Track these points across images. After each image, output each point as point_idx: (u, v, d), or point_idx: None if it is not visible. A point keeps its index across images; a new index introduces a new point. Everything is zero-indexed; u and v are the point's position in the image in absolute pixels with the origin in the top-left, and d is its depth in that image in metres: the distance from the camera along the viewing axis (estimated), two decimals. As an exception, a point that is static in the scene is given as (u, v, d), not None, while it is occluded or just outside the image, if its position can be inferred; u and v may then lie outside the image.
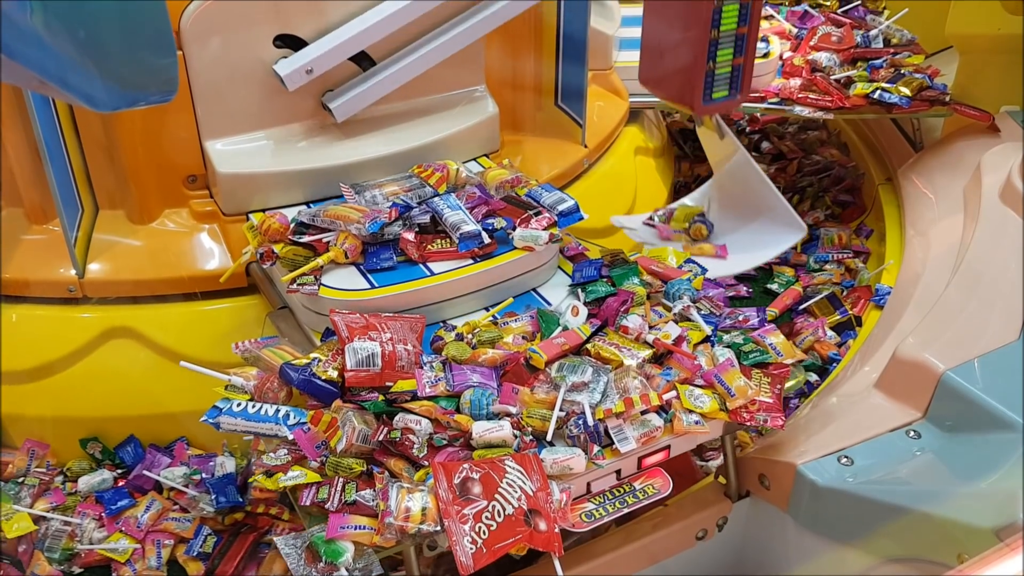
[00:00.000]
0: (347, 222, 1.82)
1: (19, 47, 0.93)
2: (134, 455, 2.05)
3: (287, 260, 1.81)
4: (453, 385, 1.55)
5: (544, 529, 1.38)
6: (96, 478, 2.00)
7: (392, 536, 1.36)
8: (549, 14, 2.43)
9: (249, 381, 1.61)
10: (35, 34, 0.96)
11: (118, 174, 2.08)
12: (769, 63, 2.86)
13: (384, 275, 1.80)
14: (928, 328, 1.83)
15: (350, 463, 1.45)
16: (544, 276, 1.93)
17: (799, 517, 1.67)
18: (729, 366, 1.61)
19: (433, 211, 1.89)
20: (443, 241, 1.86)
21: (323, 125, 2.11)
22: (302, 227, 1.86)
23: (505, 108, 2.31)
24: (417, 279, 1.79)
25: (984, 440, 1.59)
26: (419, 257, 1.83)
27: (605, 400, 1.53)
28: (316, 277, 1.78)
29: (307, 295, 1.76)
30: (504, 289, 1.87)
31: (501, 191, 2.00)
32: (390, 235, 1.85)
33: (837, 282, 2.74)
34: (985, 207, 2.20)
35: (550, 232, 1.85)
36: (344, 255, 1.80)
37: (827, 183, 3.22)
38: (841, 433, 1.70)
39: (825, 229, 2.94)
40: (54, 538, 1.88)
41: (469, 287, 1.83)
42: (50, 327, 2.02)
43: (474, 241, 1.83)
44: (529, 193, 1.99)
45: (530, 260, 1.87)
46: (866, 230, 2.95)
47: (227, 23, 1.94)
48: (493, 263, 1.84)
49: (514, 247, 1.86)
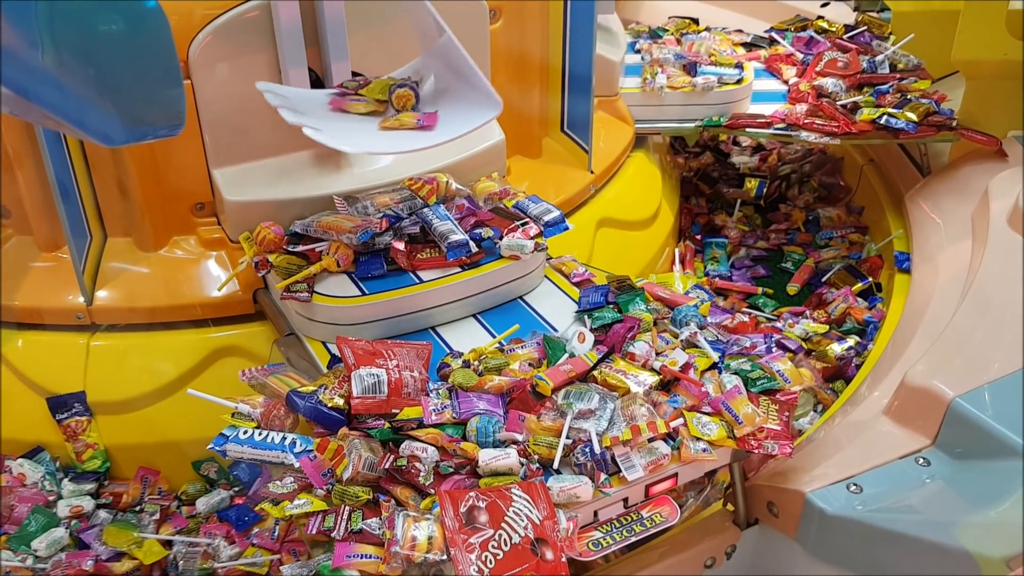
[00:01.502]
0: (339, 232, 1.88)
1: (31, 85, 0.94)
2: (249, 472, 2.05)
3: (281, 268, 1.87)
4: (459, 412, 1.54)
5: (551, 558, 1.37)
6: (215, 498, 2.02)
7: (398, 565, 1.35)
8: (555, 42, 2.45)
9: (256, 408, 1.61)
10: (46, 73, 0.98)
11: (127, 202, 2.10)
12: (743, 88, 2.90)
13: (375, 283, 1.85)
14: (937, 355, 1.83)
15: (356, 491, 1.45)
16: (530, 284, 1.97)
17: (808, 545, 1.66)
18: (736, 393, 1.61)
19: (423, 221, 1.94)
20: (432, 250, 1.91)
21: (329, 152, 2.12)
22: (296, 237, 1.93)
23: (512, 134, 2.32)
24: (407, 287, 1.84)
25: (994, 467, 1.58)
26: (409, 265, 1.88)
27: (612, 428, 1.52)
28: (309, 285, 1.84)
29: (300, 302, 1.82)
30: (491, 296, 1.92)
31: (489, 202, 2.06)
32: (381, 244, 1.90)
33: (845, 255, 2.97)
34: (993, 232, 2.19)
35: (536, 241, 1.90)
36: (336, 264, 1.86)
37: (809, 169, 3.40)
38: (850, 460, 1.69)
39: (822, 210, 3.21)
40: (187, 559, 1.89)
41: (457, 294, 1.88)
42: (59, 354, 2.03)
43: (462, 250, 1.88)
44: (517, 204, 2.04)
45: (516, 268, 1.92)
46: (856, 208, 3.18)
47: (234, 52, 1.96)
48: (480, 271, 1.89)
49: (501, 256, 1.90)
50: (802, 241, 3.13)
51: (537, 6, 2.43)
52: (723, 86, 2.87)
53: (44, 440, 2.04)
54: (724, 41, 3.21)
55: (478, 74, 1.91)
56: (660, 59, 2.99)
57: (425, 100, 2.00)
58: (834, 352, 2.42)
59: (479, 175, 2.19)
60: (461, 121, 1.92)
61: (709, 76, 2.87)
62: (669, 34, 3.30)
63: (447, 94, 1.98)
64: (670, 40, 3.21)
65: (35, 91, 0.95)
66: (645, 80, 2.90)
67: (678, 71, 2.94)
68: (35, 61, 0.96)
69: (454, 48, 1.90)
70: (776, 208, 3.32)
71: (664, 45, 3.12)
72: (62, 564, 1.83)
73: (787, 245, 3.11)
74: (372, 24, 2.08)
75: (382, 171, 2.12)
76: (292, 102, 1.94)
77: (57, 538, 1.85)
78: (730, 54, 3.08)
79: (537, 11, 2.43)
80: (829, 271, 2.88)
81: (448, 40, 1.89)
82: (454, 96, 1.96)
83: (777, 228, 3.20)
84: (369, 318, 1.81)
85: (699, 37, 3.19)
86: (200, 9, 1.92)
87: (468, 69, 1.91)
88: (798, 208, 3.27)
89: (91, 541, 1.88)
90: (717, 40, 3.18)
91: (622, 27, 3.08)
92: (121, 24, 1.06)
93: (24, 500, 1.93)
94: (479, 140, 2.19)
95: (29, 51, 0.96)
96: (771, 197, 3.35)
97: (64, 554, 1.85)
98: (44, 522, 1.86)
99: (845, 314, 2.64)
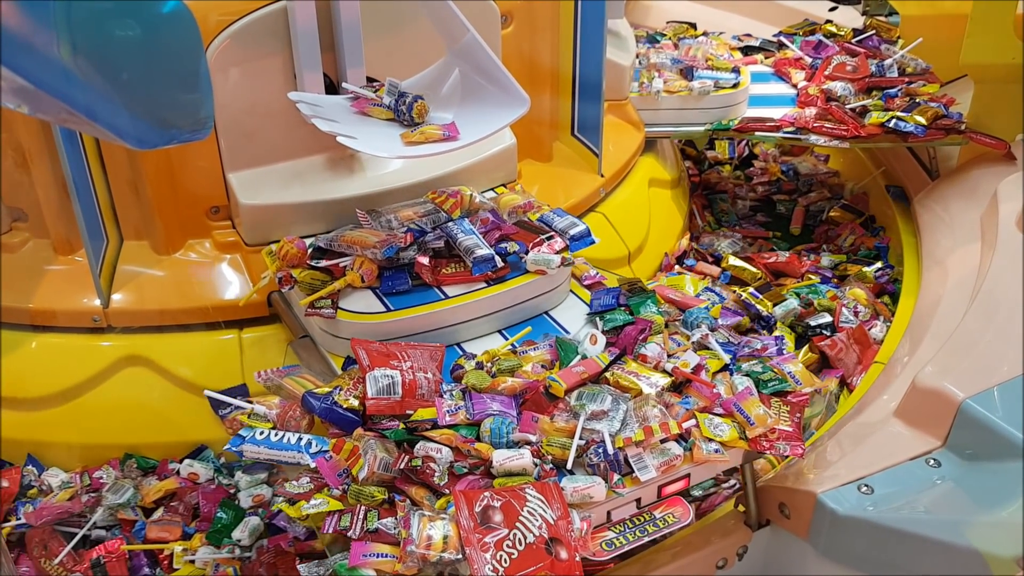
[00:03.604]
0: (363, 247, 1.86)
1: (63, 87, 0.95)
2: None
3: (305, 284, 1.85)
4: (473, 413, 1.56)
5: (565, 558, 1.38)
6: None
7: (414, 564, 1.36)
8: (566, 47, 2.46)
9: (272, 410, 1.63)
10: (63, 66, 0.99)
11: (143, 206, 2.12)
12: (739, 92, 2.91)
13: (399, 298, 1.84)
14: (947, 357, 1.83)
15: (372, 491, 1.46)
16: (556, 299, 1.96)
17: (819, 546, 1.67)
18: (748, 394, 1.62)
19: (447, 236, 1.92)
20: (457, 265, 1.89)
21: (343, 156, 2.14)
22: (319, 252, 1.91)
23: (523, 138, 2.33)
24: (432, 302, 1.83)
25: (1004, 468, 1.58)
26: (433, 281, 1.87)
27: (625, 428, 1.54)
28: (333, 300, 1.82)
29: (325, 318, 1.80)
30: (517, 312, 1.90)
31: (514, 216, 2.04)
32: (405, 259, 1.88)
33: (829, 196, 3.27)
34: (1002, 235, 2.20)
35: (562, 256, 1.88)
36: (360, 279, 1.84)
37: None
38: (861, 462, 1.70)
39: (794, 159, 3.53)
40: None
41: (482, 310, 1.86)
42: (75, 356, 2.05)
43: (487, 265, 1.86)
44: (541, 218, 2.02)
45: (542, 283, 1.90)
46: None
47: (250, 57, 1.98)
48: (506, 286, 1.87)
49: (526, 271, 1.89)
50: (787, 189, 3.39)
51: (548, 11, 2.44)
52: (719, 90, 2.89)
53: (46, 440, 2.06)
54: (721, 46, 3.24)
55: (504, 72, 1.90)
56: (657, 63, 3.00)
57: (444, 101, 1.99)
58: (871, 274, 2.68)
59: (492, 178, 2.21)
60: (490, 120, 1.90)
61: (705, 80, 2.89)
62: (667, 39, 3.32)
63: (473, 94, 1.97)
64: (667, 45, 3.23)
65: (64, 92, 0.97)
66: (642, 84, 2.91)
67: (675, 75, 2.95)
68: (51, 52, 0.97)
69: (479, 47, 1.90)
70: (750, 165, 3.56)
71: (661, 50, 3.14)
72: (266, 550, 1.81)
73: (775, 194, 3.36)
74: (387, 30, 2.09)
75: (396, 174, 2.13)
76: (325, 111, 1.94)
77: (255, 526, 1.83)
78: (727, 59, 3.09)
79: (548, 16, 2.45)
80: (820, 212, 3.17)
81: (472, 39, 1.89)
82: (480, 95, 1.96)
83: (760, 180, 3.44)
84: (394, 334, 1.79)
85: (696, 42, 3.22)
86: (215, 15, 1.94)
87: (494, 67, 1.91)
88: (771, 163, 3.50)
89: (284, 523, 1.80)
90: (714, 45, 3.21)
91: (631, 31, 3.10)
92: (137, 29, 1.07)
93: (208, 497, 1.93)
94: (491, 144, 2.20)
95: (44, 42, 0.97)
96: (742, 156, 3.62)
97: (266, 540, 1.84)
98: (234, 514, 1.85)
99: (856, 245, 2.92)
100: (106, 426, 2.04)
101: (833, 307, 2.46)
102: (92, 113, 1.04)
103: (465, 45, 1.93)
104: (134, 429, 2.05)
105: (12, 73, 0.93)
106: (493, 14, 2.23)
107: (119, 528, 1.96)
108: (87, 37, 1.02)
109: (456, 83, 1.99)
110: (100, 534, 1.94)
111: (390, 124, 1.94)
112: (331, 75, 2.07)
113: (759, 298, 2.41)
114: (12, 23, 0.91)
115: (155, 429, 2.05)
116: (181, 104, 1.14)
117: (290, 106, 2.00)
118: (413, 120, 1.93)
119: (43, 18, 0.97)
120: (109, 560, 1.86)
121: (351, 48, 2.03)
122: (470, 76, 1.97)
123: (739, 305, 2.36)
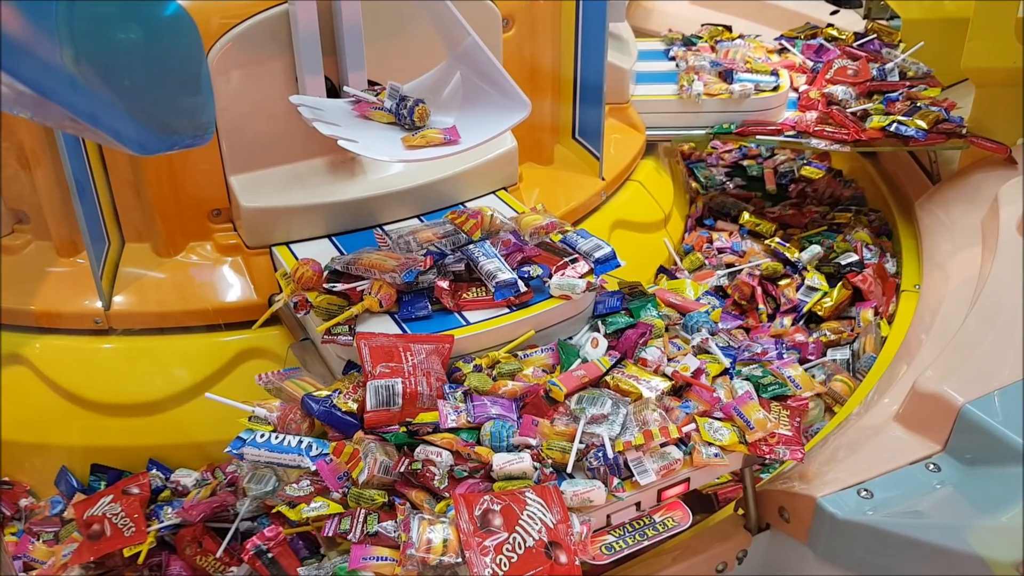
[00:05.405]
0: (382, 271, 1.79)
1: (63, 93, 0.95)
2: None
3: (321, 309, 1.78)
4: (473, 417, 1.56)
5: (565, 561, 1.38)
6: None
7: (414, 567, 1.37)
8: (567, 50, 2.47)
9: (272, 412, 1.63)
10: (65, 72, 0.99)
11: (144, 208, 2.12)
12: (780, 96, 2.90)
13: (419, 324, 1.77)
14: (947, 361, 1.83)
15: (372, 494, 1.46)
16: (581, 325, 1.88)
17: (819, 550, 1.67)
18: (748, 399, 1.62)
19: (468, 258, 1.85)
20: (478, 289, 1.82)
21: (344, 159, 2.14)
22: (336, 275, 1.84)
23: (524, 142, 2.34)
24: (452, 328, 1.75)
25: (1004, 473, 1.58)
26: (454, 306, 1.80)
27: (625, 432, 1.54)
28: (351, 327, 1.75)
29: (342, 345, 1.74)
30: (539, 339, 1.82)
31: (536, 237, 1.94)
32: (424, 283, 1.82)
33: (793, 157, 3.43)
34: (1003, 239, 2.20)
35: (587, 280, 1.82)
36: (379, 304, 1.77)
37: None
38: (860, 466, 1.70)
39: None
40: None
41: (505, 337, 1.79)
42: (76, 358, 2.06)
43: (510, 290, 1.79)
44: (564, 239, 1.94)
45: (567, 309, 1.84)
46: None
47: (252, 60, 1.98)
48: (530, 311, 1.80)
49: (551, 295, 1.84)
50: (753, 154, 3.54)
51: (549, 14, 2.45)
52: (759, 93, 2.88)
53: (47, 442, 2.06)
54: (758, 48, 3.21)
55: (505, 76, 1.87)
56: (696, 66, 2.99)
57: (444, 105, 1.96)
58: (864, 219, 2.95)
59: (492, 182, 2.21)
60: (491, 123, 1.86)
61: (746, 83, 2.88)
62: (703, 41, 3.29)
63: (474, 97, 1.94)
64: (704, 47, 3.22)
65: (66, 98, 0.97)
66: (682, 87, 2.91)
67: (714, 78, 2.94)
68: (53, 59, 0.97)
69: (480, 51, 1.89)
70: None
71: (699, 52, 3.13)
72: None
73: (742, 160, 3.50)
74: (388, 33, 2.09)
75: (395, 178, 2.14)
76: (326, 114, 1.92)
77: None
78: (765, 61, 3.08)
79: (549, 19, 2.45)
80: (789, 172, 3.36)
81: (473, 43, 1.89)
82: (482, 98, 1.93)
83: (725, 149, 3.58)
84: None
85: (733, 44, 3.18)
86: (217, 18, 1.95)
87: (495, 71, 1.88)
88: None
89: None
90: (751, 47, 3.18)
91: (632, 35, 3.10)
92: (139, 32, 1.08)
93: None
94: (492, 147, 2.20)
95: (46, 48, 0.97)
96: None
97: None
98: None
99: (835, 195, 3.19)
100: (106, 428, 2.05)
101: (849, 248, 2.74)
102: (95, 119, 1.04)
103: (466, 49, 1.93)
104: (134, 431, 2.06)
105: (14, 80, 0.93)
106: (494, 17, 2.24)
107: (266, 517, 1.82)
108: (89, 42, 1.02)
109: (457, 87, 1.99)
110: (246, 525, 1.84)
111: (391, 128, 1.93)
112: (332, 78, 2.08)
113: (786, 246, 2.71)
114: (14, 29, 0.91)
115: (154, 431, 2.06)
116: (183, 109, 1.14)
117: (291, 109, 2.00)
118: (414, 124, 1.91)
119: (45, 24, 0.97)
120: (272, 547, 1.71)
121: (353, 52, 2.03)
122: (471, 80, 1.96)
123: (768, 253, 2.73)
